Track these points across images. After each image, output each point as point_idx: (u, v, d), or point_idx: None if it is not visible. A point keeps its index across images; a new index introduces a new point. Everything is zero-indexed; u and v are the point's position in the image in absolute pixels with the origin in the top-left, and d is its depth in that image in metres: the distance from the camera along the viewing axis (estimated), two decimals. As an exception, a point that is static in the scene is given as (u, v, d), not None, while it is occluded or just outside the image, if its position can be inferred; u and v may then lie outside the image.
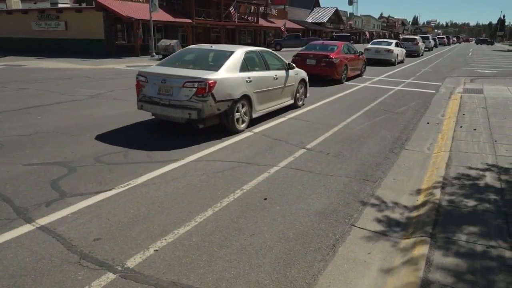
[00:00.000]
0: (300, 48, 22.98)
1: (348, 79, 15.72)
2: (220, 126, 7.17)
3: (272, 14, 51.50)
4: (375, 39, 49.39)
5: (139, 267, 3.20)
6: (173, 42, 25.69)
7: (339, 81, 14.71)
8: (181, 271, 3.18)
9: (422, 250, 3.40)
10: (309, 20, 63.69)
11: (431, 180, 5.10)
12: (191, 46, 8.73)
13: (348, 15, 78.07)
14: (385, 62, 23.28)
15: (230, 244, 3.58)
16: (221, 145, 6.53)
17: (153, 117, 7.77)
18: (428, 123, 8.60)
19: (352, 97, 11.80)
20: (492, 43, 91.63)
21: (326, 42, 17.56)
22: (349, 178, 5.28)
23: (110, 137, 6.86)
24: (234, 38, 41.87)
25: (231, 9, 37.14)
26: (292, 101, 9.51)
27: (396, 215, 4.27)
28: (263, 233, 3.78)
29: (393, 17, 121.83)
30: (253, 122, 7.88)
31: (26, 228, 3.76)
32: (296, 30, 52.29)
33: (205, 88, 6.52)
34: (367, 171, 5.56)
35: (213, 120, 7.03)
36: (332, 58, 14.31)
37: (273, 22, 49.43)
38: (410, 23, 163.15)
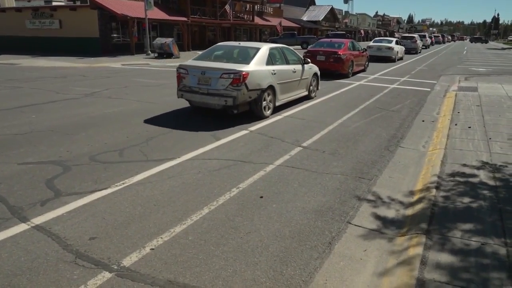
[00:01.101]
0: (296, 47, 23.58)
1: (354, 73, 16.94)
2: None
3: (268, 13, 51.43)
4: (370, 37, 49.61)
5: (135, 266, 3.19)
6: (169, 40, 25.61)
7: (346, 75, 16.05)
8: (177, 269, 3.17)
9: (417, 247, 3.42)
10: (305, 18, 63.68)
11: (426, 178, 5.13)
12: (220, 43, 9.78)
13: (343, 13, 78.12)
14: (386, 59, 24.53)
15: (227, 242, 3.58)
16: (217, 144, 6.52)
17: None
18: (423, 121, 8.64)
19: (348, 95, 11.83)
20: (486, 41, 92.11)
21: (333, 40, 18.53)
22: (345, 176, 5.29)
23: (105, 136, 6.83)
24: (230, 36, 41.77)
25: (227, 7, 37.05)
26: (306, 93, 10.66)
27: (391, 212, 4.28)
28: (259, 231, 3.79)
29: (388, 16, 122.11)
30: (253, 119, 7.87)
31: (21, 227, 3.74)
32: (291, 28, 52.26)
33: (239, 79, 7.56)
34: (363, 169, 5.58)
35: (244, 107, 8.08)
36: (340, 54, 15.68)
37: (268, 20, 49.37)
38: (405, 21, 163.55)
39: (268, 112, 8.57)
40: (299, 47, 39.71)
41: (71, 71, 17.41)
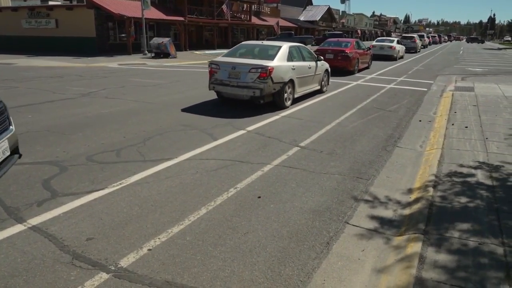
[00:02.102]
0: None
1: (359, 70, 18.34)
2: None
3: (265, 12, 51.43)
4: (367, 37, 49.99)
5: (133, 267, 3.18)
6: (166, 40, 25.56)
7: (352, 72, 17.43)
8: (175, 270, 3.16)
9: (415, 247, 3.42)
10: (302, 18, 63.73)
11: (423, 178, 5.14)
12: (244, 42, 10.86)
13: (340, 14, 78.26)
14: (388, 57, 26.01)
15: (224, 243, 3.57)
16: (215, 144, 6.51)
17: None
18: (420, 121, 8.66)
19: (345, 95, 11.84)
20: (482, 42, 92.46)
21: (340, 39, 20.05)
22: (343, 176, 5.29)
23: (102, 136, 6.81)
24: (227, 36, 41.74)
25: (224, 7, 37.01)
26: (319, 87, 11.76)
27: (389, 212, 4.29)
28: (257, 232, 3.78)
29: (385, 16, 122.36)
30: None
31: (18, 228, 3.71)
32: (289, 28, 52.29)
33: (266, 73, 8.59)
34: (360, 168, 5.59)
35: (269, 98, 9.07)
36: (347, 52, 17.10)
37: (265, 20, 49.36)
38: (402, 21, 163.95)
39: (288, 103, 9.55)
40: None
41: (67, 70, 17.34)
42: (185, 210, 4.17)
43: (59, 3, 31.44)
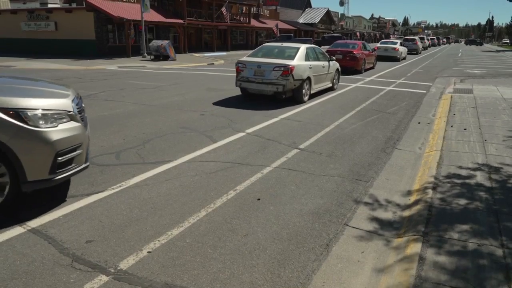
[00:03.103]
0: None
1: (365, 70, 19.82)
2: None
3: (264, 15, 51.54)
4: (366, 39, 50.37)
5: (133, 269, 3.18)
6: (165, 42, 25.61)
7: (359, 71, 18.97)
8: (174, 272, 3.16)
9: (414, 248, 3.43)
10: (301, 20, 63.87)
11: (422, 180, 5.15)
12: (265, 44, 12.33)
13: (339, 16, 78.41)
14: (392, 58, 27.52)
15: (224, 245, 3.57)
16: (214, 146, 6.52)
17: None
18: (419, 123, 8.68)
19: (344, 97, 11.86)
20: (481, 44, 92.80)
21: (348, 41, 22.42)
22: (342, 178, 5.30)
23: (102, 139, 6.81)
24: (226, 38, 41.80)
25: (223, 9, 37.10)
26: (330, 85, 12.90)
27: (388, 214, 4.29)
28: (257, 234, 3.78)
29: (384, 18, 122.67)
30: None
31: (17, 230, 3.71)
32: (288, 31, 52.38)
33: (288, 71, 9.76)
34: (360, 171, 5.59)
35: (289, 93, 10.19)
36: (355, 53, 18.75)
37: (265, 23, 49.46)
38: (401, 23, 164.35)
39: (306, 98, 10.74)
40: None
41: (67, 73, 17.36)
42: (184, 212, 4.17)
43: (58, 6, 31.45)
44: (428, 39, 60.27)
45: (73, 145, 4.06)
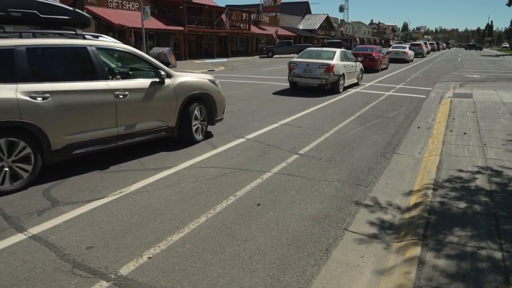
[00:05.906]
0: (293, 55, 29.19)
1: (382, 70, 23.82)
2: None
3: (264, 21, 51.85)
4: (366, 44, 51.06)
5: (133, 275, 3.19)
6: (165, 49, 25.75)
7: (377, 71, 22.78)
8: (175, 277, 3.17)
9: (414, 252, 3.43)
10: (301, 27, 64.19)
11: (422, 184, 5.16)
12: (308, 49, 15.77)
13: (339, 22, 78.80)
14: (402, 60, 31.93)
15: (224, 250, 3.58)
16: (214, 152, 6.54)
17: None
18: (419, 127, 8.70)
19: (344, 103, 11.90)
20: (480, 48, 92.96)
21: (367, 46, 27.52)
22: (342, 183, 5.32)
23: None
24: (226, 45, 42.02)
25: (223, 16, 37.34)
26: (356, 81, 16.13)
27: (388, 218, 4.30)
28: (257, 239, 3.79)
29: (384, 24, 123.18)
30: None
31: (18, 237, 3.73)
32: (288, 37, 52.65)
33: (330, 68, 13.09)
34: (359, 175, 5.61)
35: (329, 85, 13.33)
36: (374, 56, 22.76)
37: (265, 29, 49.74)
38: (400, 29, 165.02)
39: (341, 89, 13.92)
40: (296, 55, 39.94)
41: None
42: (184, 218, 4.18)
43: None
44: (431, 44, 61.33)
45: None
